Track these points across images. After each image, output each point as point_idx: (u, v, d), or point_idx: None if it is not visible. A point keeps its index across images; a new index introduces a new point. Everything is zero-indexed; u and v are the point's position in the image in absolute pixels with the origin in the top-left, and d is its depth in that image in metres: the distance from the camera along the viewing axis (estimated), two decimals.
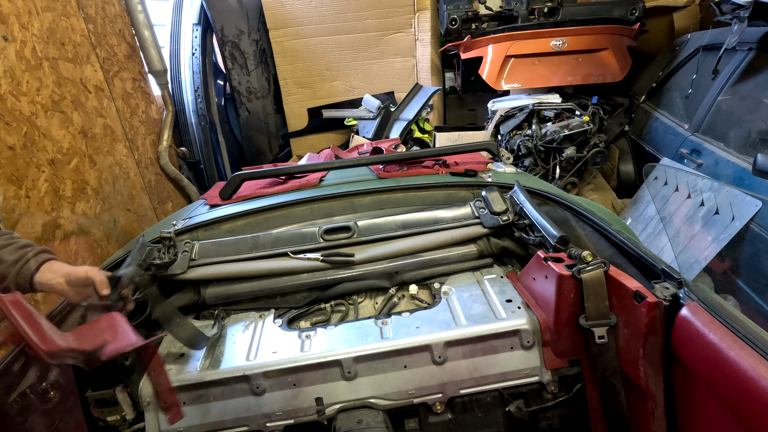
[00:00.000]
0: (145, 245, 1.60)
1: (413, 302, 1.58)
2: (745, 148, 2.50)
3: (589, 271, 1.18)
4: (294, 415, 1.29)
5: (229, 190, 2.05)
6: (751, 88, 2.63)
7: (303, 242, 1.62)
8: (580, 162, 3.64)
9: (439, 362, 1.30)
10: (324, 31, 4.99)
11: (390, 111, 4.75)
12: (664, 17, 4.30)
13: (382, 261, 1.59)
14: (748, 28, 2.66)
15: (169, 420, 1.21)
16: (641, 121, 3.84)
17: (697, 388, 1.01)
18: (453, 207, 1.72)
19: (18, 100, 2.45)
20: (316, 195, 1.85)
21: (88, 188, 2.93)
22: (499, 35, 4.07)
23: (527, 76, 4.09)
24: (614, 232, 1.35)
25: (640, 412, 1.18)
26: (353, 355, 1.29)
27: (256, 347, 1.36)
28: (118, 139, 3.36)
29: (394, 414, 1.33)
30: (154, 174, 3.84)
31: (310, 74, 5.15)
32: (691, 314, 0.99)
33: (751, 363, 0.83)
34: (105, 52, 3.33)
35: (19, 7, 2.53)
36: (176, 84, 4.32)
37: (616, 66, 3.98)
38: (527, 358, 1.33)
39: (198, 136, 4.27)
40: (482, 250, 1.64)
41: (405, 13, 4.83)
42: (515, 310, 1.37)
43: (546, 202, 1.71)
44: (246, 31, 4.61)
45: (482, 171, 2.05)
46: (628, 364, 1.16)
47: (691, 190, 2.69)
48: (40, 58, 2.66)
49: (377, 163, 2.12)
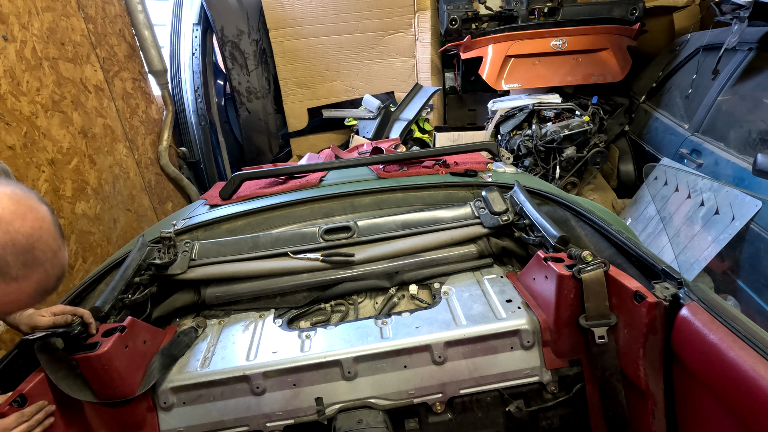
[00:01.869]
0: (145, 245, 1.60)
1: (413, 302, 1.58)
2: (745, 148, 2.50)
3: (589, 271, 1.18)
4: (294, 415, 1.29)
5: (229, 190, 2.05)
6: (751, 88, 2.63)
7: (303, 242, 1.62)
8: (580, 162, 3.64)
9: (439, 362, 1.30)
10: (324, 31, 4.99)
11: (390, 111, 4.74)
12: (664, 17, 4.30)
13: (382, 261, 1.59)
14: (748, 28, 2.66)
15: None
16: (641, 121, 3.84)
17: (697, 388, 1.01)
18: (453, 207, 1.72)
19: (18, 100, 2.45)
20: (316, 195, 1.85)
21: (88, 188, 2.93)
22: (499, 35, 4.07)
23: (527, 76, 4.09)
24: (614, 232, 1.35)
25: (640, 412, 1.18)
26: (353, 355, 1.29)
27: (256, 347, 1.36)
28: (118, 139, 3.36)
29: (394, 414, 1.33)
30: (154, 174, 3.84)
31: (310, 74, 5.15)
32: (691, 314, 0.99)
33: (751, 363, 0.83)
34: (105, 52, 3.33)
35: (19, 7, 2.53)
36: (176, 84, 4.32)
37: (616, 66, 3.98)
38: (527, 358, 1.33)
39: (198, 136, 4.28)
40: (482, 250, 1.64)
41: (405, 13, 4.83)
42: (515, 310, 1.37)
43: (546, 202, 1.71)
44: (246, 31, 4.61)
45: (482, 171, 2.05)
46: (628, 364, 1.16)
47: (691, 190, 2.69)
48: (40, 58, 2.66)
49: (377, 163, 2.12)
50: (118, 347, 1.19)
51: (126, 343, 1.22)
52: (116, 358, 1.17)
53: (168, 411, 1.28)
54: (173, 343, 1.37)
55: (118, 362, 1.18)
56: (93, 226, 2.93)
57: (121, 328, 1.22)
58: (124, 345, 1.21)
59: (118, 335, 1.20)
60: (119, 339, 1.19)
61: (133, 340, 1.26)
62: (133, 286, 1.45)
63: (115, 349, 1.17)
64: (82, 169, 2.90)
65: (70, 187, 2.77)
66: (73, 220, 2.76)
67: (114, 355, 1.17)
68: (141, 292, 1.46)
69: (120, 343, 1.19)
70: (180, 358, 1.35)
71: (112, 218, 3.15)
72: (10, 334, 2.19)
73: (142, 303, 1.46)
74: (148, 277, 1.51)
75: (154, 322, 1.49)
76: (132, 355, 1.23)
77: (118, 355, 1.18)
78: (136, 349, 1.26)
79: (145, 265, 1.53)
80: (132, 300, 1.40)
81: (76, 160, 2.85)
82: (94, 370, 1.15)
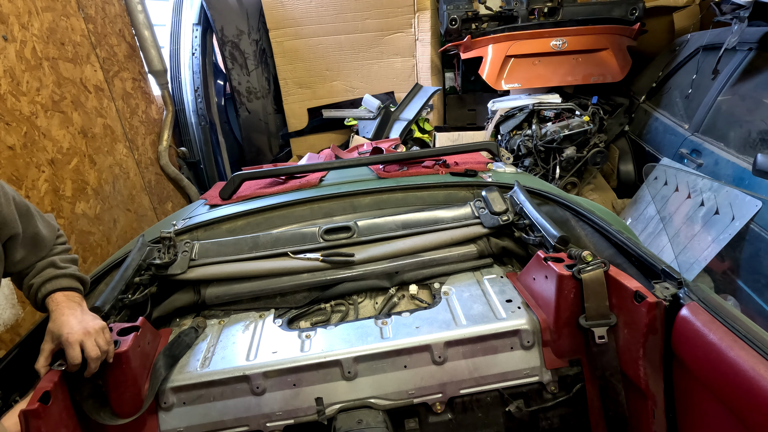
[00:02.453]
0: (145, 245, 1.60)
1: (413, 302, 1.58)
2: (745, 148, 2.50)
3: (589, 271, 1.18)
4: (294, 415, 1.29)
5: (229, 190, 2.05)
6: (751, 88, 2.63)
7: (303, 242, 1.62)
8: (580, 162, 3.64)
9: (439, 362, 1.30)
10: (324, 31, 4.99)
11: (390, 111, 4.75)
12: (664, 17, 4.30)
13: (382, 261, 1.59)
14: (748, 28, 2.66)
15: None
16: (641, 121, 3.84)
17: (697, 388, 1.01)
18: (453, 207, 1.72)
19: (18, 100, 2.45)
20: (316, 195, 1.85)
21: (88, 188, 2.93)
22: (499, 35, 4.07)
23: (527, 76, 4.09)
24: (614, 232, 1.36)
25: (640, 412, 1.18)
26: (353, 355, 1.29)
27: (256, 347, 1.36)
28: (118, 139, 3.36)
29: (394, 414, 1.32)
30: (154, 174, 3.84)
31: (310, 74, 5.15)
32: (691, 314, 0.99)
33: (751, 363, 0.83)
34: (105, 52, 3.33)
35: (19, 7, 2.53)
36: (176, 84, 4.32)
37: (616, 66, 3.98)
38: (527, 358, 1.32)
39: (198, 136, 4.28)
40: (482, 250, 1.64)
41: (405, 13, 4.83)
42: (515, 310, 1.37)
43: (546, 202, 1.71)
44: (246, 31, 4.61)
45: (482, 171, 2.05)
46: (628, 364, 1.16)
47: (691, 190, 2.69)
48: (40, 58, 2.66)
49: (377, 163, 2.12)
50: (135, 347, 1.18)
51: (139, 343, 1.22)
52: (133, 358, 1.17)
53: (168, 411, 1.28)
54: (174, 344, 1.36)
55: (134, 362, 1.18)
56: (93, 226, 2.93)
57: (136, 327, 1.22)
58: (138, 345, 1.21)
59: (135, 334, 1.19)
60: (135, 338, 1.19)
61: (143, 340, 1.26)
62: (133, 286, 1.45)
63: (132, 348, 1.17)
64: (82, 169, 2.90)
65: (70, 187, 2.77)
66: (73, 220, 2.76)
67: (132, 354, 1.16)
68: (141, 292, 1.46)
69: (136, 342, 1.19)
70: (180, 359, 1.35)
71: (112, 218, 3.15)
72: (10, 334, 2.19)
73: (142, 303, 1.46)
74: (148, 277, 1.51)
75: (153, 323, 1.49)
76: (142, 355, 1.23)
77: (135, 354, 1.18)
78: (144, 350, 1.26)
79: (145, 265, 1.53)
80: (132, 300, 1.40)
81: (76, 160, 2.85)
82: (114, 371, 1.14)
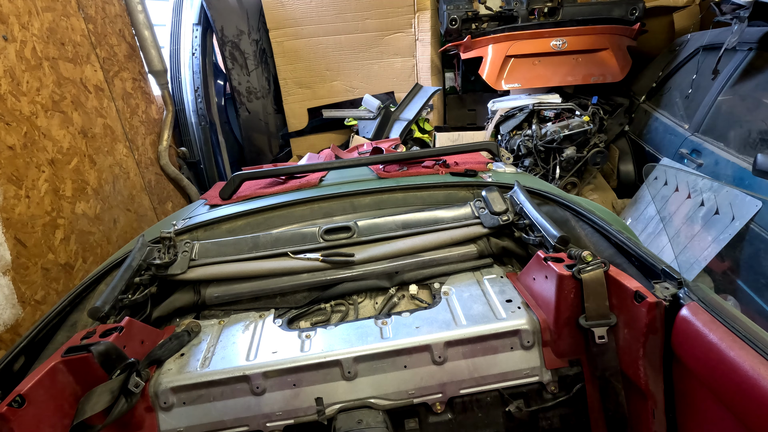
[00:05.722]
0: (145, 245, 1.60)
1: (413, 302, 1.58)
2: (745, 148, 2.50)
3: (589, 271, 1.18)
4: (294, 415, 1.29)
5: (229, 190, 2.05)
6: (751, 88, 2.63)
7: (303, 242, 1.62)
8: (580, 162, 3.64)
9: (439, 362, 1.30)
10: (324, 31, 4.99)
11: (390, 111, 4.75)
12: (664, 17, 4.30)
13: (382, 261, 1.59)
14: (748, 28, 2.66)
15: None
16: (641, 121, 3.84)
17: (697, 388, 1.01)
18: (453, 207, 1.72)
19: (18, 100, 2.45)
20: (316, 195, 1.85)
21: (88, 188, 2.93)
22: (499, 35, 4.08)
23: (527, 76, 4.10)
24: (614, 232, 1.35)
25: (640, 412, 1.18)
26: (353, 355, 1.29)
27: (256, 347, 1.36)
28: (118, 139, 3.36)
29: (394, 414, 1.32)
30: (154, 174, 3.84)
31: (310, 74, 5.15)
32: (691, 314, 0.99)
33: (751, 363, 0.83)
34: (105, 52, 3.33)
35: (19, 7, 2.53)
36: (176, 84, 4.32)
37: (616, 66, 3.99)
38: (527, 358, 1.32)
39: (198, 136, 4.28)
40: (482, 250, 1.64)
41: (405, 13, 4.83)
42: (515, 310, 1.36)
43: (546, 202, 1.71)
44: (246, 31, 4.61)
45: (482, 171, 2.05)
46: (628, 364, 1.16)
47: (691, 190, 2.69)
48: (40, 58, 2.66)
49: (377, 163, 2.12)
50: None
51: (124, 343, 1.21)
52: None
53: (168, 411, 1.28)
54: (161, 347, 1.35)
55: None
56: (93, 226, 2.93)
57: (119, 328, 1.21)
58: (122, 345, 1.21)
59: (115, 335, 1.19)
60: (116, 339, 1.19)
61: (131, 340, 1.25)
62: (133, 286, 1.45)
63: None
64: (82, 169, 2.90)
65: (70, 187, 2.77)
66: (73, 220, 2.76)
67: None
68: (141, 293, 1.46)
69: (118, 343, 1.19)
70: (167, 361, 1.34)
71: (112, 218, 3.15)
72: (10, 334, 2.19)
73: (142, 303, 1.46)
74: (148, 277, 1.51)
75: (153, 323, 1.49)
76: (131, 355, 1.23)
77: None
78: (134, 350, 1.25)
79: (145, 265, 1.53)
80: (132, 300, 1.40)
81: (76, 160, 2.85)
82: (92, 372, 1.15)
